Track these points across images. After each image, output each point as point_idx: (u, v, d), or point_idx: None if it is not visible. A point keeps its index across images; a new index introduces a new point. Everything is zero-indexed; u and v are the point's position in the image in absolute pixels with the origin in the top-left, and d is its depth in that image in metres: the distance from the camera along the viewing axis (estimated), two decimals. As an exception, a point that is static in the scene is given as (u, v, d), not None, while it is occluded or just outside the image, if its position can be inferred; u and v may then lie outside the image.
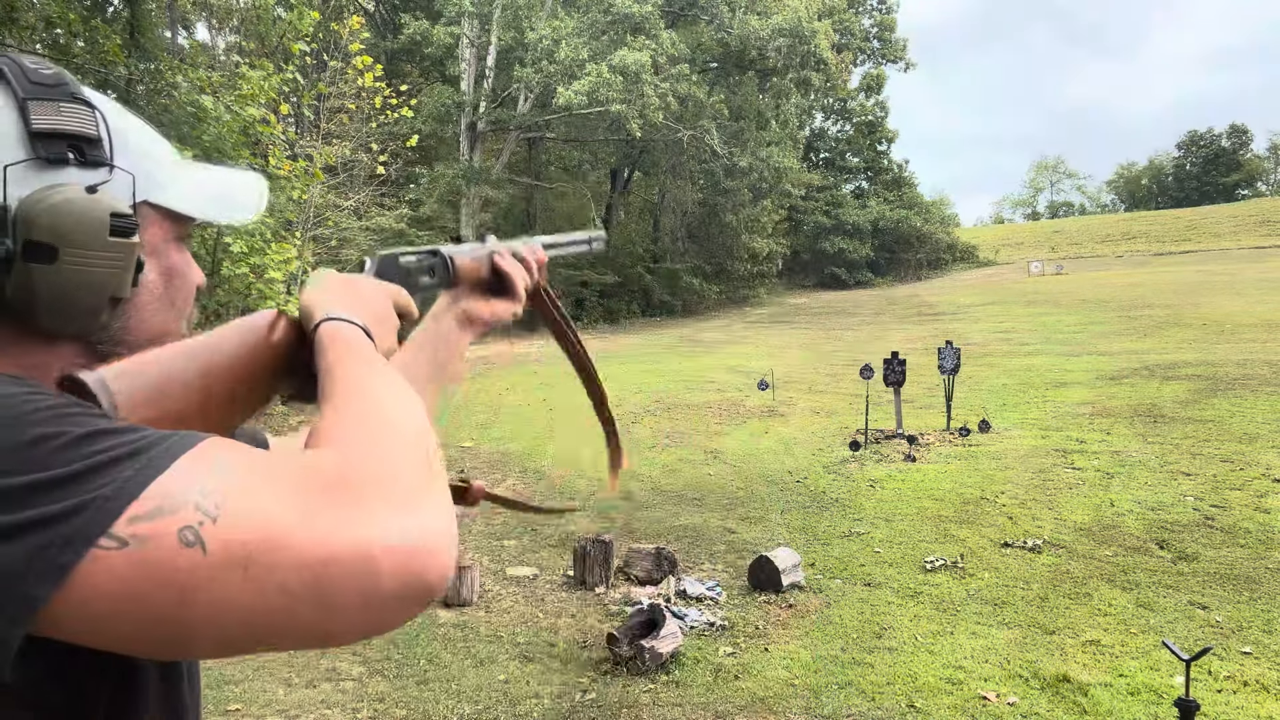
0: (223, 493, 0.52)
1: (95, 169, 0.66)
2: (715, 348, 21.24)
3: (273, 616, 0.51)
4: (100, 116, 0.67)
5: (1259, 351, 14.12)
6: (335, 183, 15.50)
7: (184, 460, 0.53)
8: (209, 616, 0.51)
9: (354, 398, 0.64)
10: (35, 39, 9.24)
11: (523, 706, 4.20)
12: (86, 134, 0.66)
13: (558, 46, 23.84)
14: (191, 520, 0.50)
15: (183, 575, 0.50)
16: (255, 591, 0.51)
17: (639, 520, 7.67)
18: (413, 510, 0.56)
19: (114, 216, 0.65)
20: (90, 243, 0.64)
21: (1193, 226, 48.03)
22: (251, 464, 0.55)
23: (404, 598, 0.54)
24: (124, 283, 0.67)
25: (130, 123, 0.73)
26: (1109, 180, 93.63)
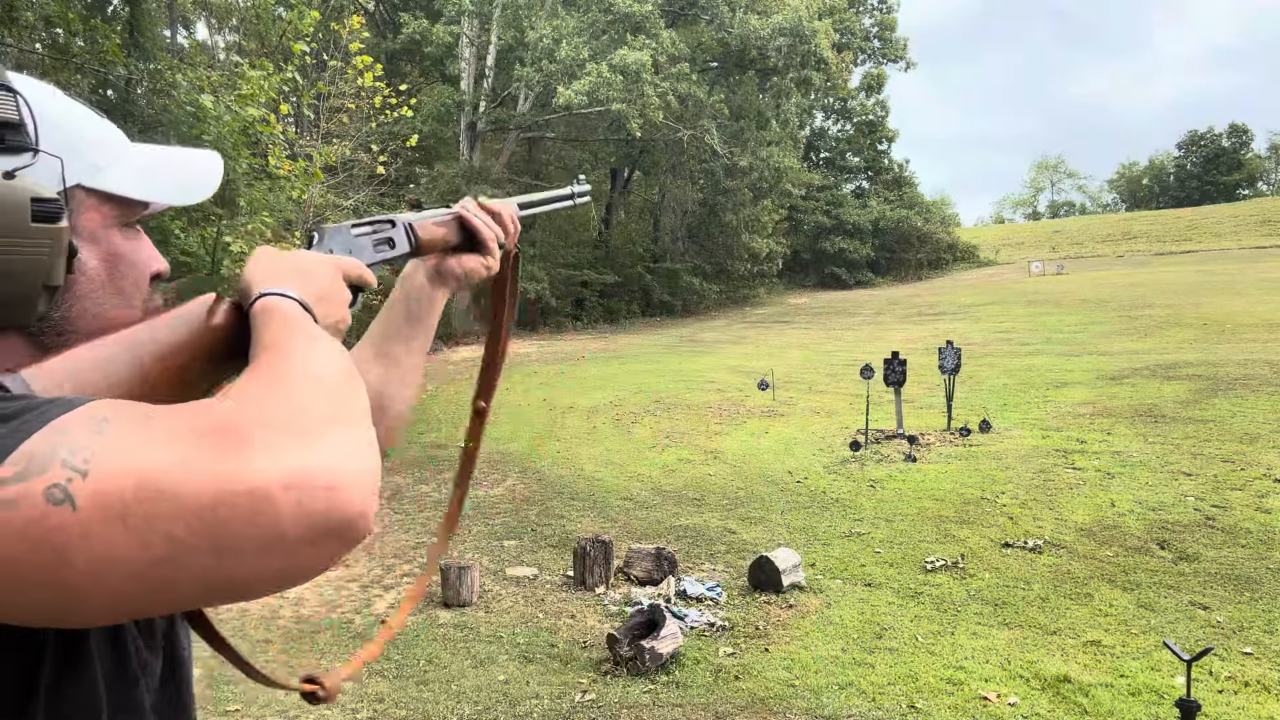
0: (92, 448, 0.49)
1: (16, 154, 0.64)
2: (715, 348, 21.23)
3: (161, 567, 0.49)
4: (21, 101, 0.65)
5: (1260, 351, 14.11)
6: (335, 182, 15.49)
7: (57, 421, 0.51)
8: (93, 574, 0.48)
9: (272, 358, 0.62)
10: (35, 38, 9.24)
11: (523, 707, 4.19)
12: (5, 119, 0.64)
13: (558, 46, 23.82)
14: (59, 477, 0.48)
15: (55, 534, 0.47)
16: (139, 543, 0.48)
17: (639, 520, 7.67)
18: (315, 445, 0.53)
19: (35, 201, 0.63)
20: (10, 229, 0.62)
21: (1193, 226, 48.01)
22: (132, 417, 0.52)
23: (312, 538, 0.51)
24: (55, 269, 0.64)
25: (65, 106, 0.71)
26: (1110, 180, 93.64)
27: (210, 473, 0.50)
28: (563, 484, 8.85)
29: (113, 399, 0.55)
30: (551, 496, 8.38)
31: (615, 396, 13.80)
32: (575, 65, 23.51)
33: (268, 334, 0.66)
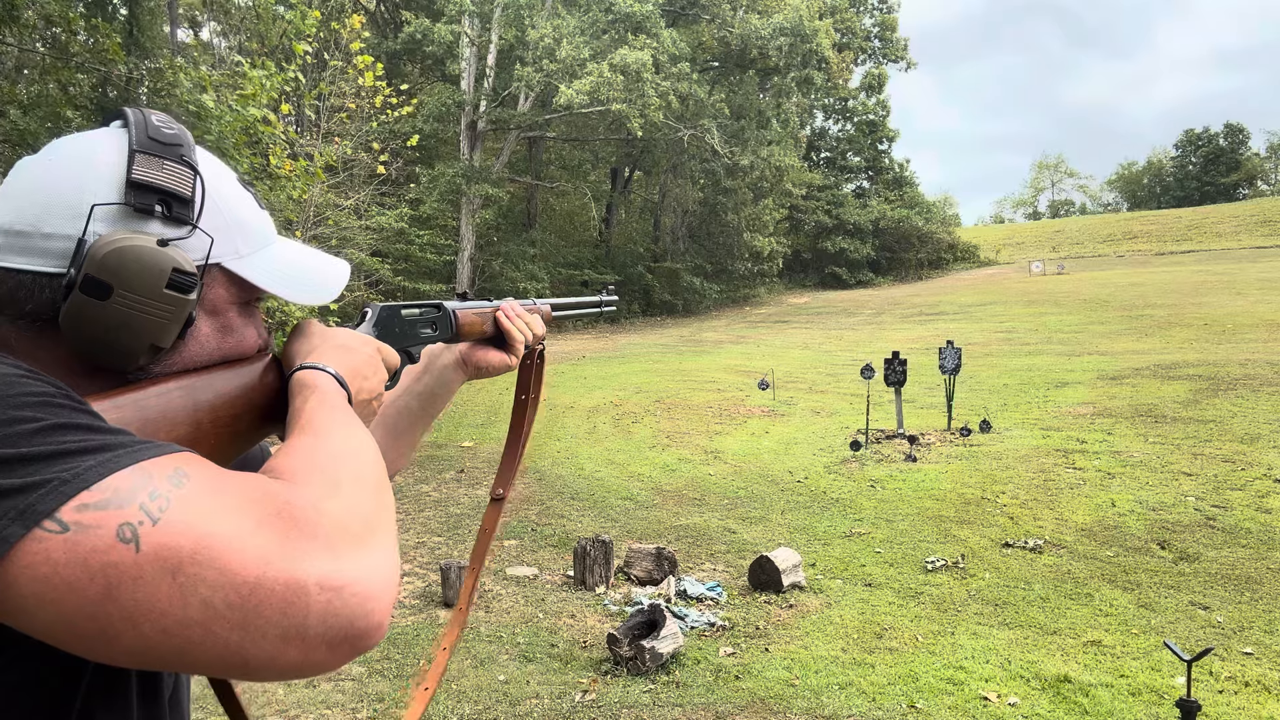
0: (170, 499, 0.53)
1: (178, 226, 0.71)
2: (715, 348, 21.23)
3: (190, 629, 0.52)
4: (199, 181, 0.72)
5: (1260, 351, 14.11)
6: (335, 182, 15.49)
7: (146, 464, 0.55)
8: (130, 616, 0.51)
9: (315, 440, 0.67)
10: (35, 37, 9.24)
11: (523, 707, 4.19)
12: (178, 192, 0.70)
13: (558, 45, 23.81)
14: (133, 518, 0.52)
15: (112, 569, 0.50)
16: (179, 600, 0.51)
17: (639, 520, 7.67)
18: (355, 555, 0.58)
19: (175, 271, 0.68)
20: (144, 290, 0.67)
21: (1194, 226, 47.99)
22: (210, 480, 0.56)
23: (330, 640, 0.55)
24: (167, 333, 0.70)
25: (234, 192, 0.78)
26: (1109, 180, 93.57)
27: (260, 555, 0.54)
28: (563, 484, 8.85)
29: (192, 454, 0.59)
30: (551, 496, 8.38)
31: (615, 396, 13.80)
32: (576, 65, 23.50)
33: (305, 409, 0.72)
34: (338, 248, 16.54)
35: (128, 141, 0.70)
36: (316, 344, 0.81)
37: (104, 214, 0.68)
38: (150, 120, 0.72)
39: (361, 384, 0.82)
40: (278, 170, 9.09)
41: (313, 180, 10.36)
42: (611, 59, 23.38)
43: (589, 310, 1.40)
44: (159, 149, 0.70)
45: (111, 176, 0.69)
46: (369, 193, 17.26)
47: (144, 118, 0.72)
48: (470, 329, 1.08)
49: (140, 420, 0.67)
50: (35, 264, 0.67)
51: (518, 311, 1.13)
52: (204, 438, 0.72)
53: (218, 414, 0.74)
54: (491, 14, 25.06)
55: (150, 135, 0.71)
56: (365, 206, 17.37)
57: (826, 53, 29.25)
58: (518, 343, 1.12)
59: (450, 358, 1.11)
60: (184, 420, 0.71)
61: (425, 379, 1.12)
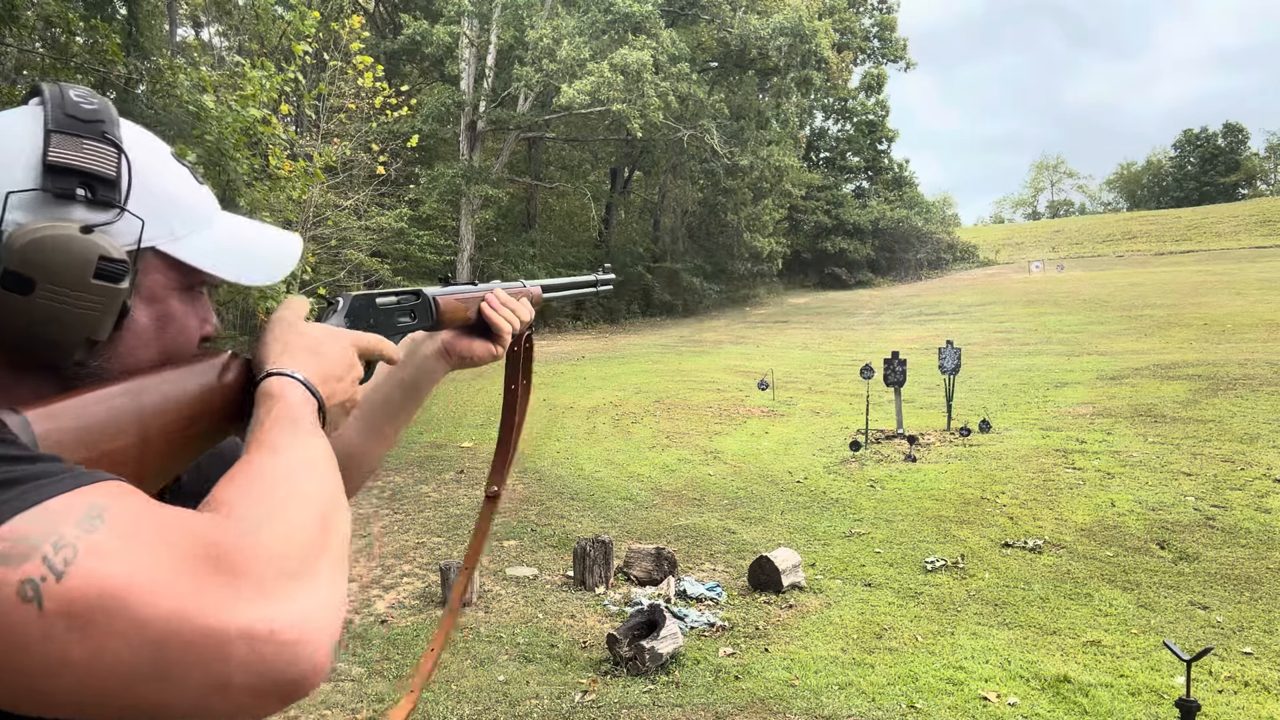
0: (75, 547, 0.48)
1: (104, 209, 0.65)
2: (715, 348, 21.23)
3: (108, 682, 0.48)
4: (124, 159, 0.66)
5: (1260, 351, 14.11)
6: (335, 182, 15.49)
7: (53, 503, 0.50)
8: (45, 673, 0.47)
9: (266, 459, 0.62)
10: (35, 37, 9.24)
11: (523, 707, 4.19)
12: (102, 174, 0.65)
13: (558, 45, 23.81)
14: (34, 573, 0.47)
15: (17, 630, 0.46)
16: (90, 655, 0.47)
17: (639, 520, 7.67)
18: (288, 595, 0.53)
19: (102, 260, 0.63)
20: (70, 282, 0.62)
21: (1193, 226, 48.00)
22: (127, 521, 0.51)
23: (258, 690, 0.51)
24: (102, 325, 0.65)
25: (166, 169, 0.72)
26: (1108, 180, 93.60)
27: (175, 605, 0.49)
28: (563, 484, 8.85)
29: (118, 483, 0.54)
30: (551, 496, 8.38)
31: (615, 396, 13.80)
32: (575, 65, 23.50)
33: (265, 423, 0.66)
34: (337, 248, 16.53)
35: (43, 120, 0.64)
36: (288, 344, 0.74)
37: (21, 202, 0.62)
38: (68, 96, 0.66)
39: (334, 387, 0.75)
40: (277, 171, 9.09)
41: (312, 181, 10.36)
42: (611, 59, 23.39)
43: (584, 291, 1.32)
44: (77, 127, 0.65)
45: (27, 160, 0.63)
46: (369, 193, 17.26)
47: (61, 93, 0.66)
48: (453, 315, 1.02)
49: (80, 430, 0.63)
50: None
51: (503, 299, 1.07)
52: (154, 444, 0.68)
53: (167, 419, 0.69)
54: (491, 14, 25.06)
55: (68, 112, 0.65)
56: (365, 207, 17.36)
57: (826, 53, 29.25)
58: (504, 333, 1.05)
59: (433, 347, 1.05)
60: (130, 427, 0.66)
61: (407, 369, 1.05)
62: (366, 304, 0.91)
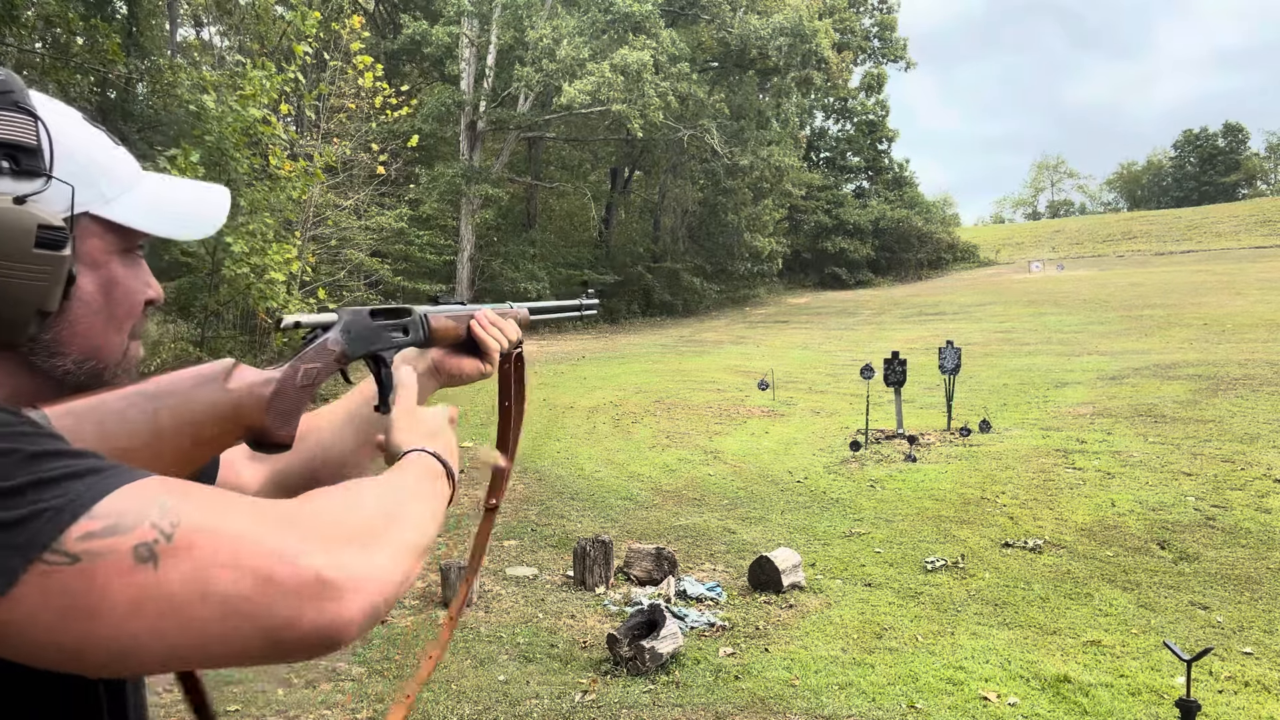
0: (179, 513, 0.55)
1: (30, 179, 0.64)
2: (715, 348, 21.23)
3: (209, 628, 0.54)
4: (42, 126, 0.66)
5: (1260, 351, 14.11)
6: (335, 182, 15.48)
7: (143, 483, 0.56)
8: (156, 628, 0.53)
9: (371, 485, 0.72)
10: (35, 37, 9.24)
11: (523, 707, 4.19)
12: (23, 143, 0.64)
13: (558, 45, 23.80)
14: (148, 537, 0.53)
15: (134, 589, 0.52)
16: (199, 604, 0.53)
17: (639, 520, 7.67)
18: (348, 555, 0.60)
19: (41, 228, 0.63)
20: (12, 254, 0.62)
21: (1193, 226, 48.00)
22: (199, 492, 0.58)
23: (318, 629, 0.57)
24: (51, 296, 0.65)
25: (84, 133, 0.72)
26: (1108, 180, 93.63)
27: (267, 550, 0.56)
28: (563, 484, 8.85)
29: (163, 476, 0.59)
30: (551, 496, 8.38)
31: (615, 396, 13.80)
32: (575, 65, 23.50)
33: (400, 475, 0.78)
34: (337, 248, 16.53)
35: None
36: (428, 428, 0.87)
37: None
38: None
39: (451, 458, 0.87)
40: (278, 171, 9.09)
41: (312, 181, 10.36)
42: (611, 59, 23.38)
43: (569, 315, 1.37)
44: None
45: None
46: (369, 193, 17.26)
47: None
48: (444, 333, 1.06)
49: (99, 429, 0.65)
50: None
51: (491, 319, 1.11)
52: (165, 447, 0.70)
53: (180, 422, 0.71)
54: (490, 14, 25.06)
55: None
56: (365, 207, 17.36)
57: (826, 53, 29.23)
58: (492, 351, 1.10)
59: (423, 365, 1.08)
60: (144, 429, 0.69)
61: None
62: (363, 320, 0.94)
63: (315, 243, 14.65)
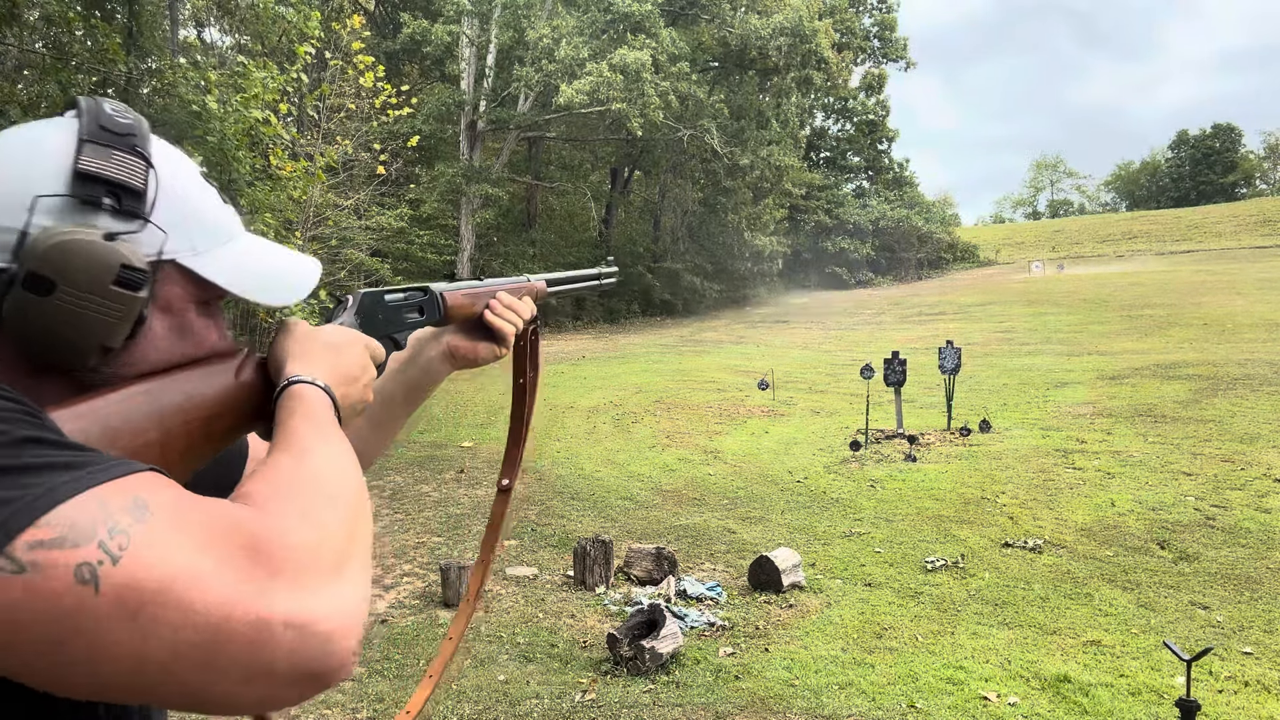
0: (130, 535, 0.50)
1: (129, 220, 0.67)
2: (715, 348, 21.23)
3: (150, 668, 0.50)
4: (152, 173, 0.68)
5: (1260, 351, 14.11)
6: (335, 182, 15.48)
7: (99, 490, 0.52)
8: (89, 657, 0.49)
9: (295, 461, 0.65)
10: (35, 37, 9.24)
11: (523, 707, 4.19)
12: (130, 185, 0.67)
13: (557, 45, 23.81)
14: (91, 558, 0.49)
15: (70, 612, 0.48)
16: (139, 641, 0.49)
17: (639, 520, 7.67)
18: (324, 589, 0.56)
19: (123, 268, 0.65)
20: (90, 286, 0.64)
21: (1193, 226, 48.00)
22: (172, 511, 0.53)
23: (295, 679, 0.53)
24: (116, 333, 0.66)
25: (192, 185, 0.74)
26: (1105, 180, 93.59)
27: (225, 594, 0.51)
28: (563, 484, 8.85)
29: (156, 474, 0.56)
30: (551, 496, 8.38)
31: (615, 396, 13.80)
32: (575, 65, 23.49)
33: (289, 424, 0.70)
34: (337, 248, 16.53)
35: (77, 131, 0.67)
36: (305, 347, 0.78)
37: (49, 206, 0.64)
38: (103, 109, 0.68)
39: (349, 389, 0.79)
40: (279, 171, 9.09)
41: (313, 181, 10.36)
42: (611, 59, 23.38)
43: (588, 285, 1.34)
44: (109, 139, 0.67)
45: (57, 167, 0.65)
46: (369, 193, 17.26)
47: (96, 106, 0.69)
48: (460, 310, 1.04)
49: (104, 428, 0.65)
50: None
51: (506, 301, 1.09)
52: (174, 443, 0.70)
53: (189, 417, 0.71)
54: (490, 14, 25.05)
55: (101, 124, 0.67)
56: (365, 206, 17.37)
57: (826, 53, 29.23)
58: (507, 335, 1.08)
59: (437, 349, 1.07)
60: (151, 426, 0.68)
61: (411, 369, 1.07)
62: (376, 300, 0.93)
63: (316, 242, 14.64)
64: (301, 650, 0.53)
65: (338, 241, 16.39)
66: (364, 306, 0.92)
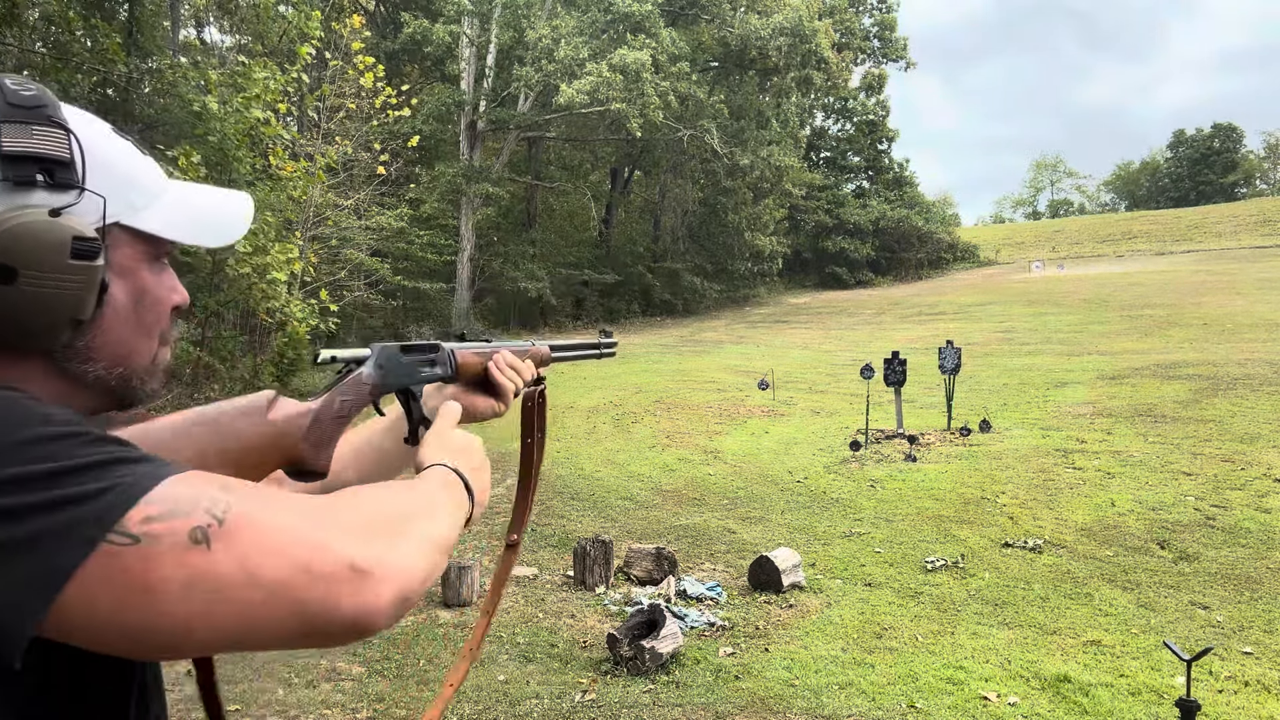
0: (227, 504, 0.60)
1: (64, 191, 0.67)
2: (715, 348, 21.24)
3: (256, 611, 0.59)
4: (74, 140, 0.68)
5: (1260, 351, 14.11)
6: (335, 182, 15.48)
7: (189, 474, 0.61)
8: (206, 608, 0.57)
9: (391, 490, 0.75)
10: (36, 37, 9.24)
11: (523, 707, 4.19)
12: (57, 156, 0.66)
13: (557, 45, 23.81)
14: (201, 522, 0.58)
15: (188, 571, 0.56)
16: (247, 587, 0.58)
17: (639, 520, 7.67)
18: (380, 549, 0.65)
19: (76, 240, 0.65)
20: (49, 265, 0.64)
21: (1193, 226, 47.98)
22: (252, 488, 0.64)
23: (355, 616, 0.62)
24: (84, 304, 0.68)
25: (113, 145, 0.74)
26: (1105, 180, 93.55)
27: (308, 540, 0.61)
28: (563, 484, 8.85)
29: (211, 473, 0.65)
30: (551, 496, 8.38)
31: (615, 396, 13.80)
32: (575, 65, 23.49)
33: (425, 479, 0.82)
34: (338, 247, 16.54)
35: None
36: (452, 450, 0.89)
37: None
38: (6, 85, 0.66)
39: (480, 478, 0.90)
40: (279, 171, 9.09)
41: (313, 181, 10.37)
42: (610, 59, 23.38)
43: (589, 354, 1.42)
44: (22, 114, 0.65)
45: None
46: (369, 193, 17.26)
47: None
48: (469, 368, 1.11)
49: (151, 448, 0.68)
50: None
51: (509, 360, 1.15)
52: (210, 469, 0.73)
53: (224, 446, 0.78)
54: (490, 14, 25.05)
55: (9, 101, 0.65)
56: (365, 206, 17.37)
57: (826, 53, 29.22)
58: (507, 392, 1.14)
59: (437, 401, 1.09)
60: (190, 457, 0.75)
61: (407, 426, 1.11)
62: (393, 356, 0.99)
63: (316, 242, 14.64)
64: (362, 590, 0.62)
65: (338, 241, 16.39)
66: (382, 361, 0.97)
